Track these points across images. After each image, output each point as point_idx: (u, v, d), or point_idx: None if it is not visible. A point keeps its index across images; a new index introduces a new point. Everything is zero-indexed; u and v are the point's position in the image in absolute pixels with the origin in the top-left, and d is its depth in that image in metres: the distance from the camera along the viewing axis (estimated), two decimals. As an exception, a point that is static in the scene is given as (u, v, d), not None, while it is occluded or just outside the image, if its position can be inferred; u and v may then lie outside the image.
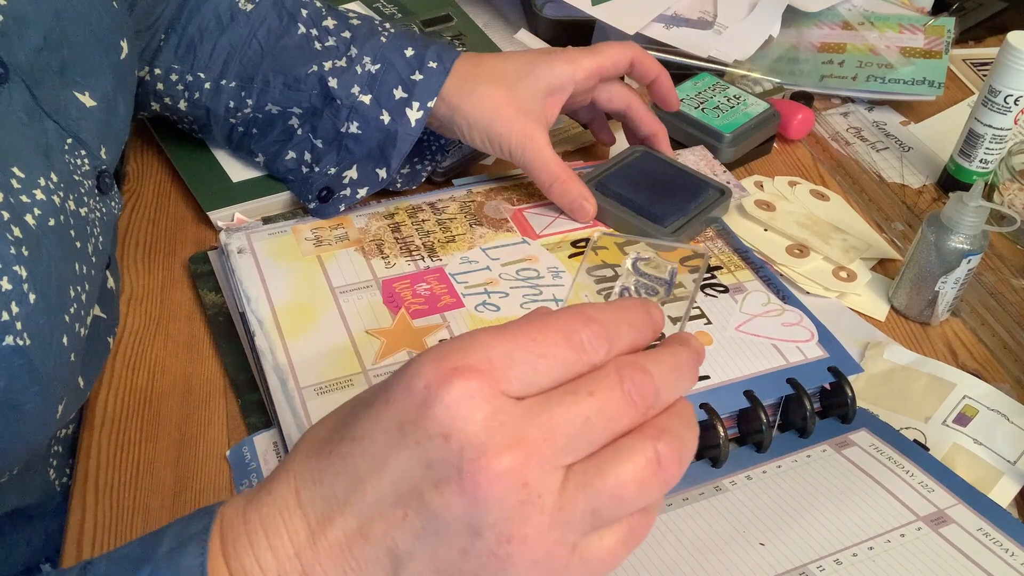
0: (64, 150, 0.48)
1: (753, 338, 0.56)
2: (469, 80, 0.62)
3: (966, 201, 0.57)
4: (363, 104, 0.63)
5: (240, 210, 0.66)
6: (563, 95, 0.64)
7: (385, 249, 0.61)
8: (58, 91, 0.48)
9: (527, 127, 0.62)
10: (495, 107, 0.62)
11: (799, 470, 0.50)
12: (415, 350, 0.54)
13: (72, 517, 0.48)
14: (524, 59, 0.64)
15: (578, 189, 0.63)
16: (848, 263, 0.66)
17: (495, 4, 0.96)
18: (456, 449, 0.29)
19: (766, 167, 0.77)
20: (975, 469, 0.52)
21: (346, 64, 0.64)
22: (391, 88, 0.62)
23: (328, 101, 0.64)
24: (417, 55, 0.63)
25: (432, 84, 0.62)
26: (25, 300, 0.40)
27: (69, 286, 0.45)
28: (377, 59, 0.63)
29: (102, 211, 0.51)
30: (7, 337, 0.39)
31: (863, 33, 0.89)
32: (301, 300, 0.57)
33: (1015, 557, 0.45)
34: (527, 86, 0.62)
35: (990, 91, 0.69)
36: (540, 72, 0.63)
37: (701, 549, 0.45)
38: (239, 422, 0.53)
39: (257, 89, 0.65)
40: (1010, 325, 0.63)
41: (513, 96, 0.62)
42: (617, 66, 0.65)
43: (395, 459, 0.30)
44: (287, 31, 0.65)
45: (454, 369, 0.29)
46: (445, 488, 0.29)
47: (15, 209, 0.41)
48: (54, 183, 0.45)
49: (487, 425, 0.29)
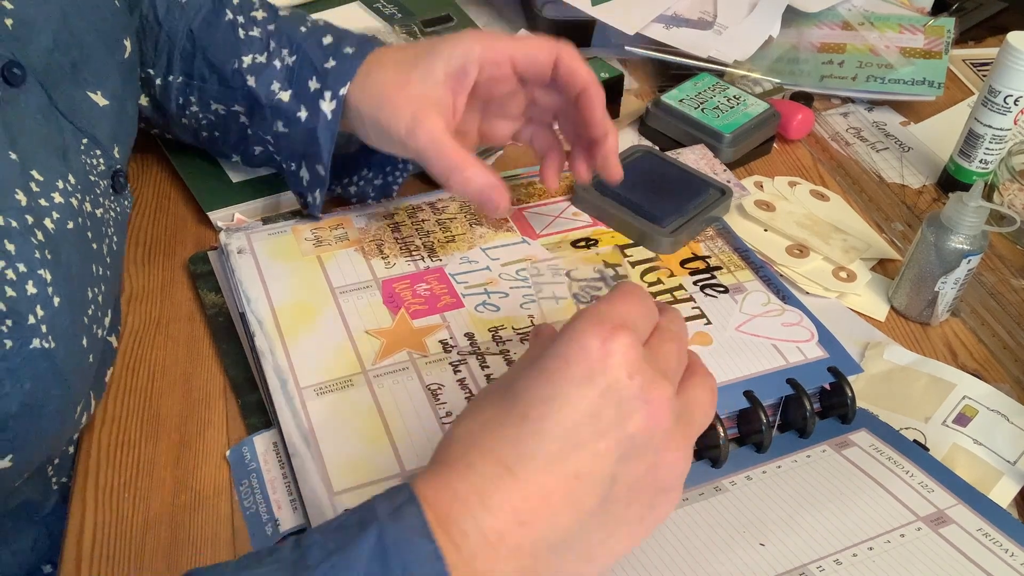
0: (80, 150, 0.48)
1: (753, 338, 0.56)
2: (365, 68, 0.57)
3: (966, 201, 0.57)
4: (282, 102, 0.59)
5: (240, 210, 0.66)
6: (465, 78, 0.55)
7: (385, 249, 0.61)
8: (71, 91, 0.48)
9: (417, 112, 0.54)
10: (383, 93, 0.55)
11: (799, 470, 0.50)
12: (415, 350, 0.54)
13: (72, 517, 0.48)
14: (430, 42, 0.57)
15: (482, 178, 0.54)
16: (848, 263, 0.66)
17: (495, 4, 0.96)
18: (638, 385, 0.36)
19: (766, 167, 0.77)
20: (975, 469, 0.52)
21: (265, 60, 0.60)
22: (306, 80, 0.58)
23: (254, 102, 0.60)
24: (334, 43, 0.59)
25: (344, 70, 0.57)
26: (50, 303, 0.41)
27: (88, 288, 0.45)
28: (294, 50, 0.59)
29: (116, 211, 0.51)
30: (34, 340, 0.40)
31: (863, 33, 0.89)
32: (301, 300, 0.57)
33: (1015, 557, 0.45)
34: (422, 68, 0.55)
35: (990, 91, 0.69)
36: (438, 52, 0.55)
37: (701, 549, 0.45)
38: (239, 422, 0.53)
39: (197, 85, 0.62)
40: (1010, 325, 0.63)
41: (406, 80, 0.55)
42: (534, 60, 0.56)
43: (591, 403, 0.36)
44: (216, 19, 0.61)
45: (613, 327, 0.37)
46: (636, 416, 0.36)
47: (36, 212, 0.42)
48: (72, 185, 0.45)
49: (644, 365, 0.37)
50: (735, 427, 0.52)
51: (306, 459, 0.48)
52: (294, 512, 0.48)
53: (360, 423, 0.50)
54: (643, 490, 0.38)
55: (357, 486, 0.47)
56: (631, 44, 0.85)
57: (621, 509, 0.37)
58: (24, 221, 0.41)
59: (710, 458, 0.50)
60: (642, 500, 0.38)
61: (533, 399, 0.37)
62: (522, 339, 0.56)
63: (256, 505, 0.49)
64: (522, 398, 0.37)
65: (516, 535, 0.35)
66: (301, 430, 0.50)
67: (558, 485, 0.36)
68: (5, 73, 0.43)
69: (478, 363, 0.54)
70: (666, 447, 0.37)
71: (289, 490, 0.49)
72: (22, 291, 0.40)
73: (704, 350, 0.55)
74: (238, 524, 0.48)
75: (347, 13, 0.90)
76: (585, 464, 0.36)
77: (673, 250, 0.63)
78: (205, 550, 0.47)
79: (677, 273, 0.61)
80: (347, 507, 0.45)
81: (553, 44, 0.56)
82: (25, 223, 0.41)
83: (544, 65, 0.56)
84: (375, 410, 0.51)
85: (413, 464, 0.48)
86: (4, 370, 0.39)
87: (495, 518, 0.35)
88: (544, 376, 0.37)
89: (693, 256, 0.63)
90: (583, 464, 0.36)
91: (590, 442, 0.36)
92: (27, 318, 0.39)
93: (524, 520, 0.35)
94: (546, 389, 0.37)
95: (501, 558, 0.35)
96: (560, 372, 0.37)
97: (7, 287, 0.39)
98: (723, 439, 0.49)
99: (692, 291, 0.60)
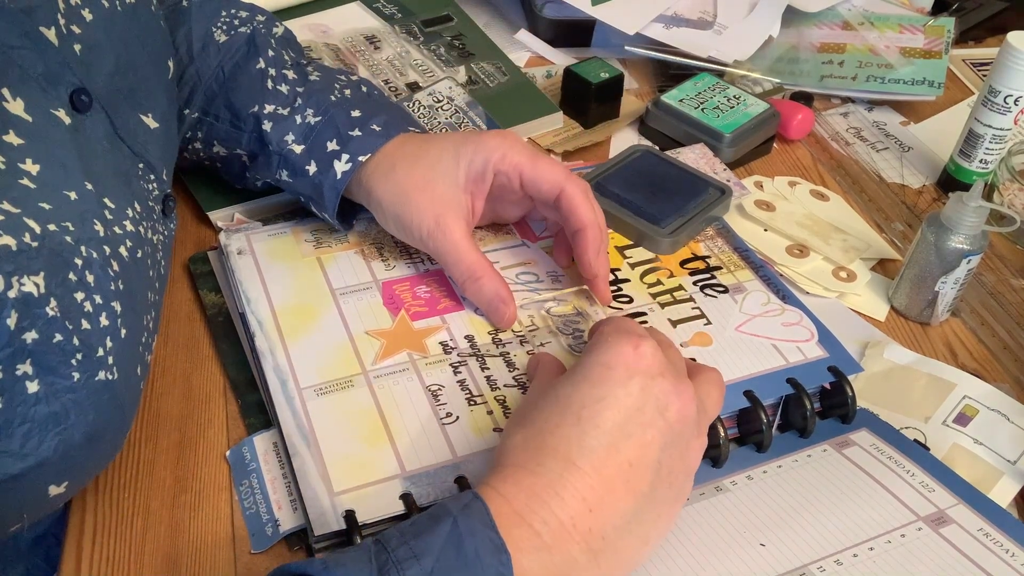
0: (139, 176, 0.48)
1: (753, 338, 0.56)
2: (387, 159, 0.57)
3: (966, 201, 0.57)
4: (293, 153, 0.59)
5: (240, 210, 0.66)
6: (483, 184, 0.56)
7: (385, 252, 0.61)
8: (128, 115, 0.48)
9: (440, 215, 0.55)
10: (407, 191, 0.56)
11: (799, 470, 0.50)
12: (416, 352, 0.54)
13: (72, 517, 0.48)
14: (453, 140, 0.57)
15: (494, 289, 0.55)
16: (848, 263, 0.66)
17: (495, 4, 0.96)
18: (670, 381, 0.42)
19: (766, 167, 0.77)
20: (975, 469, 0.52)
21: (287, 113, 0.60)
22: (325, 140, 0.58)
23: (262, 146, 0.60)
24: (363, 116, 0.59)
25: (369, 143, 0.57)
26: (118, 335, 0.41)
27: (144, 315, 0.45)
28: (319, 112, 0.60)
29: (165, 235, 0.51)
30: (100, 372, 0.40)
31: (863, 33, 0.89)
32: (301, 301, 0.57)
33: (1015, 557, 0.45)
34: (444, 170, 0.55)
35: (990, 91, 0.69)
36: (461, 154, 0.55)
37: (702, 549, 0.45)
38: (239, 422, 0.53)
39: (208, 123, 0.62)
40: (1010, 325, 0.63)
41: (430, 180, 0.55)
42: (538, 189, 0.55)
43: (635, 400, 0.42)
44: (247, 64, 0.62)
45: (638, 336, 0.43)
46: (671, 408, 0.42)
47: (112, 242, 0.42)
48: (137, 212, 0.45)
49: (669, 365, 0.43)
50: (735, 427, 0.52)
51: (306, 459, 0.48)
52: (294, 512, 0.48)
53: (360, 423, 0.50)
54: (678, 474, 0.43)
55: (358, 486, 0.47)
56: (631, 44, 0.85)
57: (664, 491, 0.42)
58: (103, 252, 0.41)
59: (711, 458, 0.50)
60: (676, 483, 0.43)
61: (585, 400, 0.42)
62: (522, 341, 0.56)
63: (256, 505, 0.49)
64: (574, 401, 0.42)
65: (587, 520, 0.40)
66: (301, 430, 0.50)
67: (617, 473, 0.41)
68: (74, 100, 0.42)
69: (478, 365, 0.54)
70: (693, 434, 0.43)
71: (289, 490, 0.49)
72: (96, 323, 0.39)
73: (704, 350, 0.55)
74: (238, 524, 0.48)
75: (347, 13, 0.90)
76: (636, 452, 0.41)
77: (673, 250, 0.63)
78: (205, 550, 0.47)
79: (677, 274, 0.61)
80: (347, 507, 0.46)
81: (561, 177, 0.55)
82: (104, 253, 0.41)
83: (547, 195, 0.55)
84: (375, 410, 0.51)
85: (414, 465, 0.48)
86: (71, 402, 0.38)
87: (568, 506, 0.39)
88: (589, 382, 0.42)
89: (693, 256, 0.63)
90: (634, 453, 0.41)
91: (638, 433, 0.41)
92: (96, 351, 0.39)
93: (592, 507, 0.40)
94: (594, 391, 0.42)
95: (576, 542, 0.39)
96: (603, 376, 0.42)
97: (84, 319, 0.39)
98: (723, 439, 0.49)
99: (692, 291, 0.60)
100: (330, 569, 0.35)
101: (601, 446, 0.41)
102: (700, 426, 0.44)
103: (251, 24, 0.64)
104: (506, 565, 0.37)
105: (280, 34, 0.66)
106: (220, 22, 0.63)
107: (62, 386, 0.38)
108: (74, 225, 0.39)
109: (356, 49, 0.84)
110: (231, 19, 0.64)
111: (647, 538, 0.42)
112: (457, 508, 0.39)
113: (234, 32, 0.63)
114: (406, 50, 0.84)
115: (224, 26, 0.63)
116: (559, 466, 0.40)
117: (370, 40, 0.85)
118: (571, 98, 0.79)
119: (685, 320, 0.57)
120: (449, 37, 0.86)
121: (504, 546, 0.37)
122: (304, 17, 0.88)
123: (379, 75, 0.80)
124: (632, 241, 0.64)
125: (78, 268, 0.39)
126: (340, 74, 0.65)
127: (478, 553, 0.37)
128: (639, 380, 0.42)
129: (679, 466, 0.43)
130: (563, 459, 0.41)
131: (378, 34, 0.86)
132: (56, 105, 0.41)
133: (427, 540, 0.37)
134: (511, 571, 0.37)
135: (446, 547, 0.37)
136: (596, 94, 0.77)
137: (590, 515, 0.40)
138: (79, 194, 0.40)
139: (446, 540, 0.37)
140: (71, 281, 0.38)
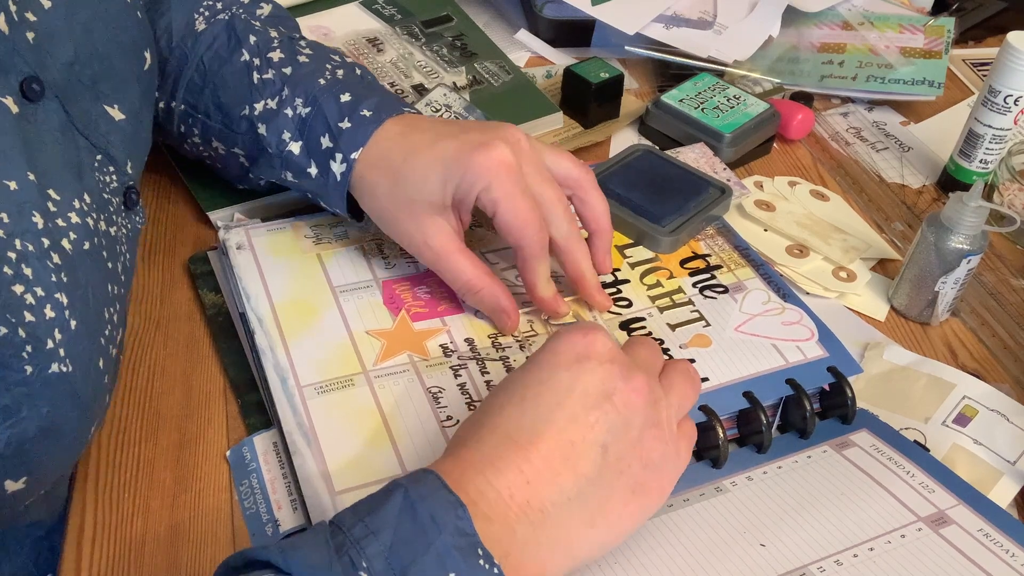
0: (94, 167, 0.47)
1: (753, 338, 0.56)
2: (381, 159, 0.55)
3: (966, 201, 0.57)
4: (293, 154, 0.58)
5: (240, 210, 0.66)
6: (468, 204, 0.54)
7: (385, 249, 0.61)
8: (89, 106, 0.47)
9: (428, 239, 0.54)
10: (392, 213, 0.55)
11: (799, 471, 0.50)
12: (416, 353, 0.54)
13: (72, 517, 0.48)
14: (439, 155, 0.53)
15: (493, 300, 0.55)
16: (848, 263, 0.66)
17: (495, 4, 0.96)
18: (619, 368, 0.42)
19: (766, 167, 0.77)
20: (975, 469, 0.52)
21: (276, 106, 0.58)
22: (319, 136, 0.57)
23: (261, 149, 0.59)
24: (353, 101, 0.57)
25: (358, 135, 0.56)
26: (67, 327, 0.41)
27: (104, 308, 0.45)
28: (308, 102, 0.58)
29: (128, 228, 0.51)
30: (52, 364, 0.40)
31: (863, 33, 0.89)
32: (301, 298, 0.57)
33: (1015, 558, 0.45)
34: (431, 192, 0.53)
35: (990, 91, 0.69)
36: (449, 179, 0.52)
37: (702, 550, 0.45)
38: (239, 422, 0.53)
39: (201, 120, 0.62)
40: (1010, 325, 0.63)
41: (412, 202, 0.54)
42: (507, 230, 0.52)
43: (580, 383, 0.42)
44: (231, 56, 0.60)
45: (592, 327, 0.44)
46: (617, 394, 0.42)
47: (53, 234, 0.41)
48: (87, 204, 0.45)
49: (621, 354, 0.44)
50: (735, 428, 0.52)
51: (307, 457, 0.48)
52: (294, 512, 0.48)
53: (361, 423, 0.50)
54: (631, 462, 0.42)
55: (358, 486, 0.47)
56: (631, 44, 0.85)
57: (613, 477, 0.42)
58: (40, 244, 0.40)
59: (710, 459, 0.50)
60: (632, 472, 0.42)
61: (529, 382, 0.43)
62: (521, 346, 0.56)
63: (256, 505, 0.49)
64: (520, 384, 0.43)
65: (524, 492, 0.39)
66: (302, 428, 0.50)
67: (557, 449, 0.40)
68: (24, 88, 0.42)
69: (478, 368, 0.54)
70: (647, 424, 0.42)
71: (289, 490, 0.49)
72: (40, 316, 0.39)
73: (704, 351, 0.55)
74: (238, 524, 0.48)
75: (347, 13, 0.89)
76: (579, 432, 0.41)
77: (673, 249, 0.63)
78: (205, 550, 0.47)
79: (677, 274, 0.61)
80: (348, 507, 0.46)
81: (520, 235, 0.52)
82: (42, 246, 0.40)
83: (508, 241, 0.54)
84: (376, 410, 0.51)
85: (414, 465, 0.48)
86: (23, 395, 0.38)
87: (504, 477, 0.39)
88: (537, 366, 0.43)
89: (693, 255, 0.63)
90: (577, 433, 0.41)
91: (581, 414, 0.41)
92: (46, 343, 0.39)
93: (530, 479, 0.40)
94: (540, 374, 0.43)
95: (513, 513, 0.39)
96: (550, 361, 0.43)
97: (26, 312, 0.39)
98: (723, 440, 0.49)
99: (691, 294, 0.60)
100: (286, 553, 0.35)
101: (541, 423, 0.41)
102: (660, 415, 0.43)
103: (230, 10, 0.63)
104: (464, 519, 0.37)
105: (268, 12, 0.65)
106: (202, 7, 0.62)
107: (13, 379, 0.38)
108: (9, 217, 0.39)
109: (359, 52, 0.84)
110: (213, 3, 0.63)
111: (593, 521, 0.41)
112: (406, 480, 0.39)
113: (214, 19, 0.62)
114: (408, 51, 0.84)
115: (206, 11, 0.62)
116: (497, 440, 0.41)
117: (372, 42, 0.85)
118: (571, 98, 0.79)
119: (684, 324, 0.57)
120: (450, 37, 0.86)
121: (459, 500, 0.37)
122: (303, 18, 0.88)
123: (384, 77, 0.80)
124: (632, 240, 0.64)
125: (13, 262, 0.39)
126: (334, 54, 0.63)
127: (433, 516, 0.37)
128: (586, 364, 0.42)
129: (631, 453, 0.42)
130: (502, 435, 0.41)
131: (380, 36, 0.86)
132: (4, 93, 0.40)
133: (381, 514, 0.37)
134: (470, 523, 0.37)
135: (401, 517, 0.37)
136: (596, 94, 0.77)
137: (528, 487, 0.40)
138: (19, 184, 0.40)
139: (400, 510, 0.37)
140: (7, 275, 0.38)
